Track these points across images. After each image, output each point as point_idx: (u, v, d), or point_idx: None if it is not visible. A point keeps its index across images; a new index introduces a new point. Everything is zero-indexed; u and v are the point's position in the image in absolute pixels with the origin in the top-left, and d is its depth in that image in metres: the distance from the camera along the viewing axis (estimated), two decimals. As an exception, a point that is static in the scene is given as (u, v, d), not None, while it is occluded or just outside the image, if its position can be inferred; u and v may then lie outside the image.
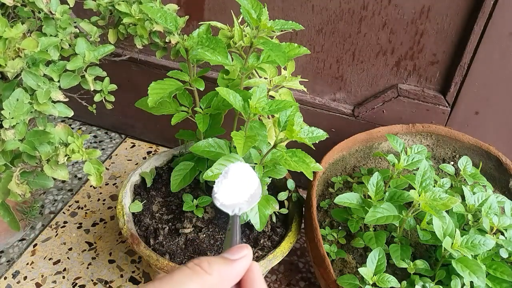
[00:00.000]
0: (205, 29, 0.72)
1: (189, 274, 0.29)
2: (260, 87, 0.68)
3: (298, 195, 0.86)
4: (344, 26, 0.90)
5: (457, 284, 0.63)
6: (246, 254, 0.32)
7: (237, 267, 0.31)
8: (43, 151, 0.57)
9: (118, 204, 0.80)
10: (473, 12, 0.80)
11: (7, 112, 0.55)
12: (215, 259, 0.30)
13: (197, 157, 0.80)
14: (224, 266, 0.30)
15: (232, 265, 0.31)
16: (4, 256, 1.00)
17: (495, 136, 0.94)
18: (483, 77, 0.86)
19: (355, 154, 0.92)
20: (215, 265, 0.30)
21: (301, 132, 0.67)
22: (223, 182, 0.40)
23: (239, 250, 0.32)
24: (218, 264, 0.30)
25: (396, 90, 0.95)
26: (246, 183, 0.41)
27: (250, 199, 0.41)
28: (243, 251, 0.32)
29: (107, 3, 0.73)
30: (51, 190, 1.16)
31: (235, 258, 0.31)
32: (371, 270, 0.66)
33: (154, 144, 1.33)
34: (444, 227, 0.65)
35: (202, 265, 0.29)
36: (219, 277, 0.29)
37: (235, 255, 0.31)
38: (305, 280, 0.98)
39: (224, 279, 0.30)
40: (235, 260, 0.31)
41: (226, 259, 0.31)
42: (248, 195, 0.40)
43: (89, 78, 0.67)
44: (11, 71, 0.55)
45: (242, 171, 0.42)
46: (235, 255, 0.31)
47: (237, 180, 0.41)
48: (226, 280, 0.30)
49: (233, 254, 0.31)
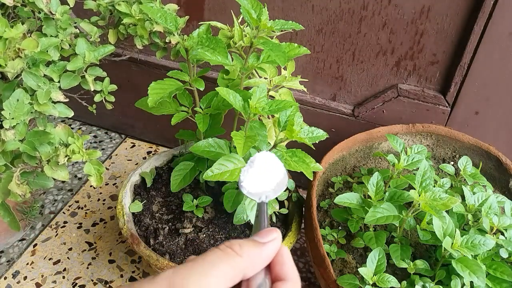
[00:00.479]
0: (205, 29, 0.72)
1: (220, 256, 0.29)
2: (260, 87, 0.68)
3: (298, 195, 0.86)
4: (344, 26, 0.90)
5: (457, 284, 0.63)
6: (276, 237, 0.32)
7: (267, 249, 0.31)
8: (43, 152, 0.57)
9: (118, 204, 0.80)
10: (473, 12, 0.80)
11: (7, 112, 0.55)
12: (246, 242, 0.31)
13: (197, 157, 0.80)
14: (254, 248, 0.31)
15: (262, 247, 0.31)
16: (4, 256, 1.00)
17: (495, 136, 0.94)
18: (483, 77, 0.86)
19: (355, 154, 0.92)
20: (246, 247, 0.30)
21: (301, 132, 0.67)
22: (249, 171, 0.40)
23: (268, 233, 0.32)
24: (249, 247, 0.30)
25: (396, 90, 0.95)
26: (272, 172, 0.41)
27: (276, 187, 0.41)
28: (272, 234, 0.32)
29: (107, 3, 0.73)
30: (51, 190, 1.16)
31: (265, 241, 0.32)
32: (371, 270, 0.66)
33: (154, 144, 1.33)
34: (444, 227, 0.65)
35: (233, 248, 0.30)
36: (250, 259, 0.30)
37: (265, 238, 0.32)
38: (305, 280, 0.98)
39: (254, 261, 0.30)
40: (265, 243, 0.31)
41: (256, 242, 0.31)
42: (274, 183, 0.41)
43: (89, 79, 0.67)
44: (11, 71, 0.55)
45: (268, 160, 0.42)
46: (264, 238, 0.32)
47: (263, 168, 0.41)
48: (256, 262, 0.31)
49: (262, 237, 0.32)
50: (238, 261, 0.29)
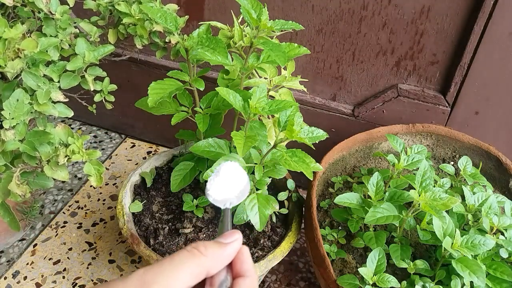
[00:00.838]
0: (205, 29, 0.72)
1: (187, 255, 0.33)
2: (260, 87, 0.68)
3: (298, 195, 0.86)
4: (344, 26, 0.90)
5: (457, 284, 0.63)
6: (237, 238, 0.36)
7: (229, 249, 0.35)
8: (43, 152, 0.57)
9: (118, 204, 0.80)
10: (473, 12, 0.80)
11: (7, 112, 0.55)
12: (210, 243, 0.35)
13: (197, 157, 0.80)
14: (218, 249, 0.34)
15: (225, 247, 0.35)
16: (4, 256, 1.00)
17: (495, 136, 0.94)
18: (483, 77, 0.86)
19: (355, 154, 0.92)
20: (210, 248, 0.34)
21: (301, 132, 0.67)
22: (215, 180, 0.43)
23: (230, 235, 0.36)
24: (213, 247, 0.34)
25: (396, 90, 0.95)
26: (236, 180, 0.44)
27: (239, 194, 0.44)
28: (234, 236, 0.36)
29: (107, 3, 0.73)
30: (51, 190, 1.16)
31: (228, 242, 0.35)
32: (371, 270, 0.66)
33: (154, 144, 1.33)
34: (444, 227, 0.65)
35: (199, 248, 0.33)
36: (213, 258, 0.34)
37: (228, 239, 0.36)
38: (305, 280, 0.98)
39: (217, 260, 0.34)
40: (228, 244, 0.35)
41: (220, 243, 0.35)
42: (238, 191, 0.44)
43: (89, 78, 0.67)
44: (11, 71, 0.55)
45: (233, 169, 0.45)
46: (227, 239, 0.36)
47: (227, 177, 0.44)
48: (220, 260, 0.34)
49: (226, 239, 0.36)
50: (203, 260, 0.33)
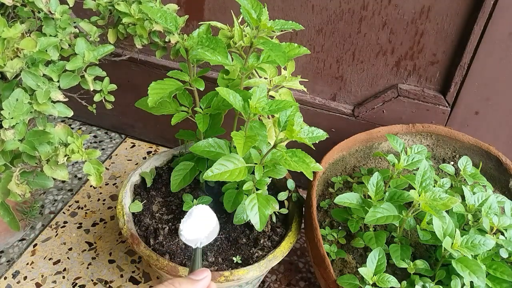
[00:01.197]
0: (205, 29, 0.72)
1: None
2: (260, 87, 0.68)
3: (298, 195, 0.86)
4: (344, 26, 0.90)
5: (457, 284, 0.63)
6: (207, 275, 0.42)
7: (200, 285, 0.41)
8: (42, 151, 0.57)
9: (118, 204, 0.80)
10: (473, 12, 0.80)
11: (7, 112, 0.55)
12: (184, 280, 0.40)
13: (197, 157, 0.80)
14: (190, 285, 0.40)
15: (197, 284, 0.41)
16: (4, 256, 1.00)
17: (495, 136, 0.94)
18: (483, 77, 0.86)
19: (355, 154, 0.92)
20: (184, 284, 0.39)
21: (301, 132, 0.67)
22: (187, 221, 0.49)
23: (201, 272, 0.42)
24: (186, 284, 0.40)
25: (396, 90, 0.95)
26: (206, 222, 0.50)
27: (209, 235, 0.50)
28: (204, 273, 0.42)
29: (106, 3, 0.73)
30: (51, 190, 1.16)
31: (199, 279, 0.41)
32: (371, 270, 0.66)
33: (154, 144, 1.33)
34: (444, 227, 0.65)
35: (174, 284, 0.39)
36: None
37: (199, 276, 0.42)
38: (305, 280, 0.98)
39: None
40: (199, 280, 0.41)
41: (192, 280, 0.41)
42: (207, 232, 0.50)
43: (88, 78, 0.67)
44: (10, 71, 0.55)
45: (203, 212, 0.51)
46: (199, 276, 0.42)
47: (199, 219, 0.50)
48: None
49: (197, 276, 0.42)
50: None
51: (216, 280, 0.69)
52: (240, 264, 0.75)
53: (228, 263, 0.75)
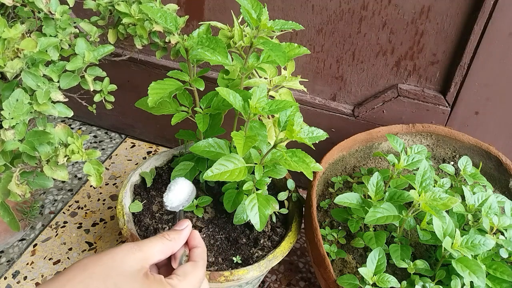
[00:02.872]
0: (205, 29, 0.72)
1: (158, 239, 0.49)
2: (260, 87, 0.68)
3: (298, 195, 0.86)
4: (344, 26, 0.90)
5: (457, 284, 0.63)
6: (188, 224, 0.53)
7: (184, 232, 0.52)
8: (42, 152, 0.57)
9: (118, 204, 0.80)
10: (473, 12, 0.80)
11: (7, 112, 0.55)
12: (171, 231, 0.51)
13: (197, 157, 0.80)
14: (176, 234, 0.51)
15: (181, 232, 0.51)
16: (4, 256, 1.00)
17: (495, 136, 0.94)
18: (483, 77, 0.86)
19: (355, 154, 0.92)
20: (172, 234, 0.50)
21: (301, 132, 0.67)
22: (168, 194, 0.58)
23: (183, 223, 0.53)
24: (173, 234, 0.50)
25: (396, 90, 0.95)
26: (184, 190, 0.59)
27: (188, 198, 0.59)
28: (185, 223, 0.53)
29: (106, 3, 0.73)
30: (51, 190, 1.16)
31: (181, 228, 0.52)
32: (371, 270, 0.66)
33: (154, 144, 1.33)
34: (444, 227, 0.65)
35: (164, 235, 0.49)
36: (175, 241, 0.50)
37: (181, 226, 0.52)
38: (305, 280, 0.98)
39: (177, 241, 0.50)
40: (182, 230, 0.52)
41: (177, 230, 0.52)
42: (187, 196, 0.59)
43: (88, 79, 0.67)
44: (11, 71, 0.55)
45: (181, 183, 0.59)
46: (181, 226, 0.52)
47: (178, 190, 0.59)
48: (179, 241, 0.50)
49: (180, 226, 0.52)
50: (167, 242, 0.49)
51: (216, 280, 0.69)
52: (240, 264, 0.75)
53: (228, 263, 0.75)
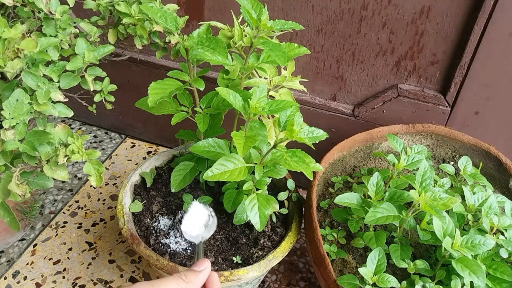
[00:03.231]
0: (205, 29, 0.72)
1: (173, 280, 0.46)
2: (260, 87, 0.68)
3: (298, 195, 0.86)
4: (344, 26, 0.90)
5: (457, 284, 0.63)
6: (207, 266, 0.50)
7: (202, 275, 0.48)
8: (43, 152, 0.57)
9: (118, 204, 0.80)
10: (473, 12, 0.80)
11: (7, 112, 0.55)
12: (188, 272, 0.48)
13: (197, 157, 0.80)
14: (194, 276, 0.48)
15: (199, 274, 0.48)
16: (4, 256, 1.00)
17: (495, 136, 0.94)
18: (483, 77, 0.86)
19: (355, 154, 0.92)
20: (189, 275, 0.47)
21: (301, 132, 0.67)
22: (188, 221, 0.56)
23: (202, 263, 0.50)
24: (190, 274, 0.48)
25: (396, 90, 0.95)
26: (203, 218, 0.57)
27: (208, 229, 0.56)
28: (204, 264, 0.50)
29: (107, 3, 0.73)
30: (51, 190, 1.16)
31: (200, 270, 0.49)
32: (371, 270, 0.66)
33: (154, 144, 1.33)
34: (444, 227, 0.65)
35: (181, 277, 0.46)
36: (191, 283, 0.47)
37: (200, 267, 0.49)
38: (305, 280, 0.98)
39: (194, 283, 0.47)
40: (201, 271, 0.49)
41: (195, 271, 0.48)
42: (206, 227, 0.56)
43: (88, 79, 0.67)
44: (11, 71, 0.55)
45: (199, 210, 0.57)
46: (200, 267, 0.49)
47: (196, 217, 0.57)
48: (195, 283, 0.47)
49: (198, 267, 0.49)
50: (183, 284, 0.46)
51: (216, 280, 0.69)
52: (240, 264, 0.75)
53: (228, 263, 0.75)
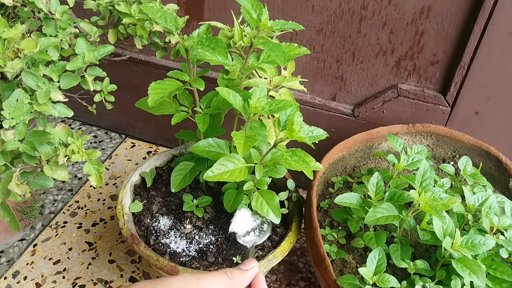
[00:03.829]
0: (205, 29, 0.72)
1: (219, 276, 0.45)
2: (260, 87, 0.68)
3: (298, 195, 0.86)
4: (344, 26, 0.90)
5: (457, 284, 0.63)
6: (254, 265, 0.50)
7: (248, 274, 0.48)
8: (43, 152, 0.57)
9: (118, 204, 0.80)
10: (473, 12, 0.80)
11: (7, 112, 0.55)
12: (235, 270, 0.48)
13: (197, 157, 0.80)
14: (240, 274, 0.47)
15: (245, 273, 0.48)
16: (4, 256, 1.00)
17: (495, 136, 0.94)
18: (483, 77, 0.86)
19: (355, 154, 0.92)
20: (235, 273, 0.47)
21: (301, 131, 0.67)
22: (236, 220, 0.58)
23: (249, 262, 0.50)
24: (237, 273, 0.47)
25: (396, 90, 0.95)
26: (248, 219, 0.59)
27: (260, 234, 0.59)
28: (252, 264, 0.50)
29: (107, 3, 0.73)
30: (51, 190, 1.16)
31: (247, 269, 0.49)
32: (371, 270, 0.66)
33: (154, 144, 1.33)
34: (444, 227, 0.65)
35: (227, 272, 0.47)
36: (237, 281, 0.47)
37: (247, 266, 0.49)
38: (305, 280, 0.98)
39: (240, 281, 0.47)
40: (248, 270, 0.48)
41: (241, 269, 0.48)
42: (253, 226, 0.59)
43: (88, 79, 0.67)
44: (11, 71, 0.55)
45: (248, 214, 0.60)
46: (247, 266, 0.49)
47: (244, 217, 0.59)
48: (241, 282, 0.47)
49: (246, 266, 0.49)
50: (228, 281, 0.46)
51: (216, 280, 0.69)
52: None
53: (228, 263, 0.75)
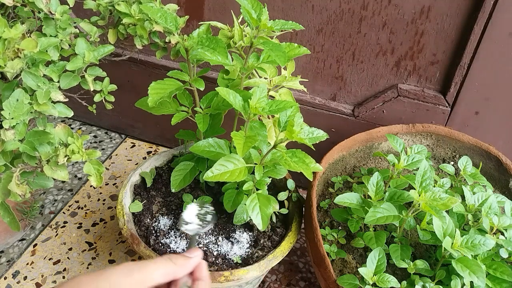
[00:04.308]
0: (205, 29, 0.72)
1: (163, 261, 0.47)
2: (260, 87, 0.68)
3: (298, 195, 0.86)
4: (344, 26, 0.90)
5: (457, 284, 0.63)
6: (198, 254, 0.51)
7: (192, 261, 0.50)
8: (43, 152, 0.57)
9: (118, 204, 0.80)
10: (473, 12, 0.80)
11: (7, 112, 0.55)
12: (179, 256, 0.49)
13: (197, 157, 0.80)
14: (183, 260, 0.49)
15: (189, 260, 0.49)
16: (4, 256, 1.00)
17: (495, 136, 0.94)
18: (483, 77, 0.86)
19: (355, 154, 0.92)
20: (179, 259, 0.48)
21: (301, 132, 0.67)
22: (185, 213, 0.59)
23: (193, 251, 0.51)
24: (180, 259, 0.49)
25: (396, 90, 0.95)
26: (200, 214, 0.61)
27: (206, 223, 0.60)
28: (196, 252, 0.51)
29: (107, 3, 0.73)
30: (51, 190, 1.16)
31: (191, 256, 0.50)
32: (371, 270, 0.66)
33: (154, 144, 1.33)
34: (444, 227, 0.65)
35: (171, 258, 0.48)
36: (180, 266, 0.48)
37: (192, 254, 0.51)
38: (305, 280, 0.98)
39: (182, 267, 0.49)
40: (191, 257, 0.50)
41: (186, 256, 0.50)
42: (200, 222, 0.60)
43: (88, 79, 0.67)
44: (11, 71, 0.55)
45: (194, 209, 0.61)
46: (191, 254, 0.51)
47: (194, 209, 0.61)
48: (184, 268, 0.49)
49: (190, 254, 0.51)
50: (172, 266, 0.47)
51: (216, 280, 0.69)
52: (240, 264, 0.75)
53: (228, 263, 0.75)
